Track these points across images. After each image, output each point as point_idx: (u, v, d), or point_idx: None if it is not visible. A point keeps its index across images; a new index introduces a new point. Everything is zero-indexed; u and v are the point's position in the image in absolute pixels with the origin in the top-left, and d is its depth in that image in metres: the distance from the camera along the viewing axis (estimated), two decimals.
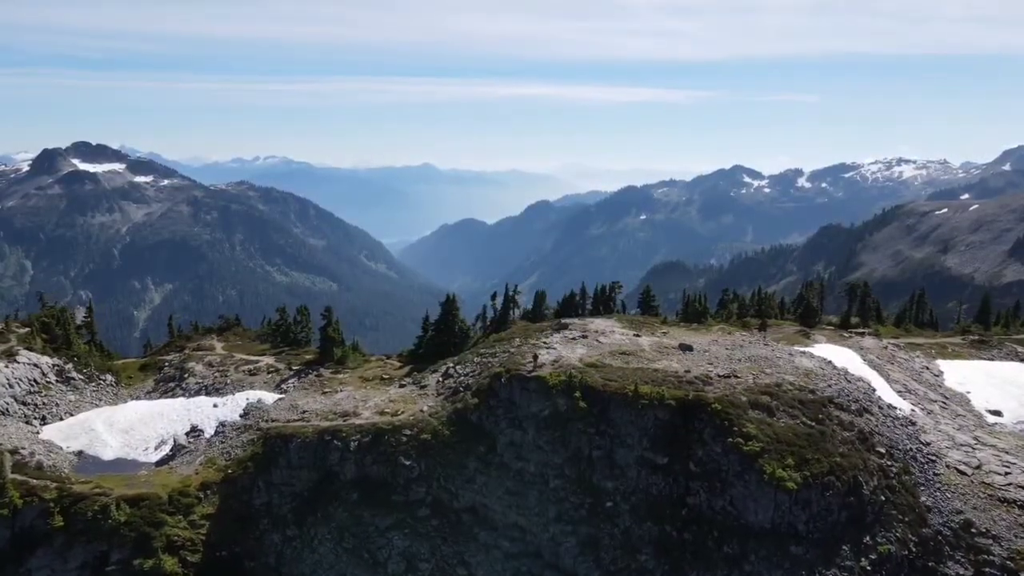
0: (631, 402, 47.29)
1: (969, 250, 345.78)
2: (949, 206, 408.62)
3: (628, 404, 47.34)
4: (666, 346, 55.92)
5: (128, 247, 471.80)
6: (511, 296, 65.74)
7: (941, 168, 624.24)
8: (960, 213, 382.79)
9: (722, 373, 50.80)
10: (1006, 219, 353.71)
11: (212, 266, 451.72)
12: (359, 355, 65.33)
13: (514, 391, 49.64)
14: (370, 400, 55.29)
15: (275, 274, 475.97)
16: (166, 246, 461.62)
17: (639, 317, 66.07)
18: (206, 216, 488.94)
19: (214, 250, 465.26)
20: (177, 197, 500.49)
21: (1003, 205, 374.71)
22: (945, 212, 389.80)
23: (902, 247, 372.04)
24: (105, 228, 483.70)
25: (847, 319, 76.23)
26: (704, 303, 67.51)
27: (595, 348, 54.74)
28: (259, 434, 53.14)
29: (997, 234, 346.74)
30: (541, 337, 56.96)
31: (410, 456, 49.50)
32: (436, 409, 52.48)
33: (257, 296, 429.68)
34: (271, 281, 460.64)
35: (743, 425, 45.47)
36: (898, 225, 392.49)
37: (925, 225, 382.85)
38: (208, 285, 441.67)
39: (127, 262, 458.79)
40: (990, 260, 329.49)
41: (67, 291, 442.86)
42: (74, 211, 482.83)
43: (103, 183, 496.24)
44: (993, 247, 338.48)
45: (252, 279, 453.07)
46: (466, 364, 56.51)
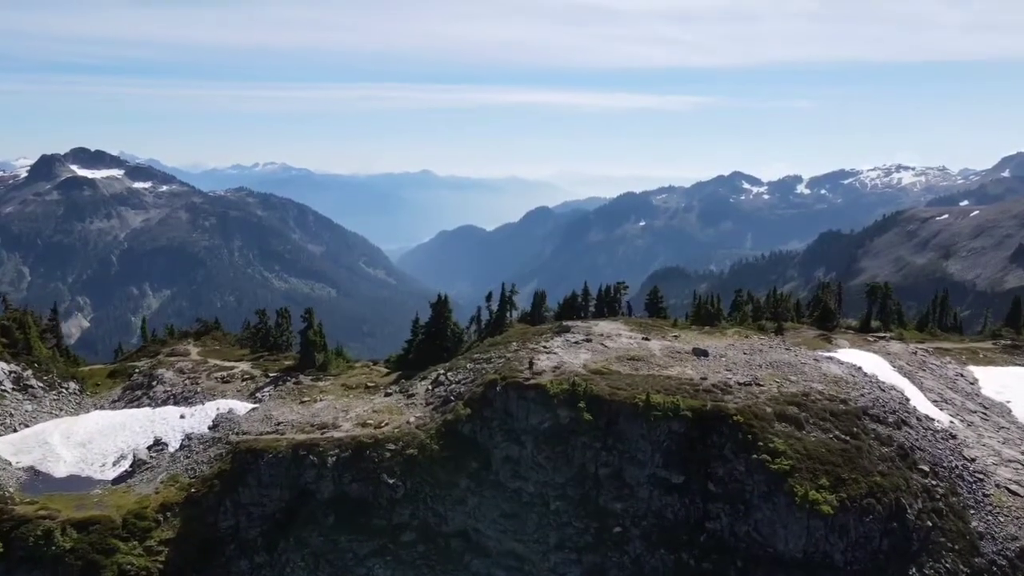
0: (642, 413, 41.67)
1: (971, 256, 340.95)
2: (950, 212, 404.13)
3: (638, 415, 41.72)
4: (679, 351, 50.31)
5: (126, 253, 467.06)
6: (508, 297, 60.23)
7: (940, 175, 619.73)
8: (961, 219, 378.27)
9: (742, 381, 45.18)
10: (1007, 225, 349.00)
11: (210, 272, 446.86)
12: (342, 361, 59.75)
13: (511, 401, 44.02)
14: (352, 410, 49.65)
15: (273, 280, 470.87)
16: (164, 252, 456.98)
17: (647, 320, 60.50)
18: (204, 222, 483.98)
19: (212, 256, 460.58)
20: (175, 203, 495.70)
21: (1004, 211, 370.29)
22: (946, 218, 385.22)
23: (903, 253, 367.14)
24: (103, 234, 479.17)
25: (867, 322, 70.64)
26: (717, 304, 61.97)
27: (600, 353, 49.14)
28: (228, 448, 47.48)
29: (999, 240, 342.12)
30: (541, 341, 51.38)
31: (394, 474, 43.84)
32: (424, 421, 46.85)
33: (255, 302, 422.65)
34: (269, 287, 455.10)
35: (769, 440, 39.83)
36: (899, 231, 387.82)
37: (926, 231, 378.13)
38: (206, 291, 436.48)
39: (125, 268, 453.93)
40: (992, 266, 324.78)
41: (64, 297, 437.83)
42: (72, 217, 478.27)
43: (101, 189, 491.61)
44: (995, 253, 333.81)
45: (250, 285, 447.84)
46: (458, 371, 50.91)
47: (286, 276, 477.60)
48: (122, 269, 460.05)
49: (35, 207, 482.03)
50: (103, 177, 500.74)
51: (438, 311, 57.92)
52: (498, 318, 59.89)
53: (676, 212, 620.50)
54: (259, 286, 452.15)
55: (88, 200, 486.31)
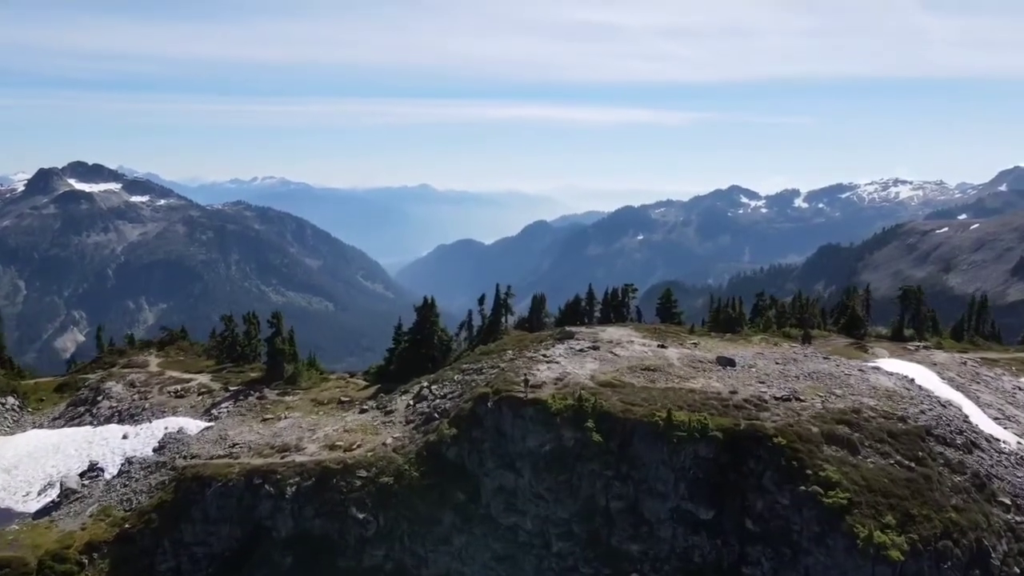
0: (662, 434, 34.14)
1: (971, 269, 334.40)
2: (949, 225, 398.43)
3: (658, 437, 34.19)
4: (700, 360, 42.82)
5: (123, 267, 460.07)
6: (503, 300, 52.81)
7: (937, 189, 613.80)
8: (961, 232, 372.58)
9: (779, 395, 37.66)
10: (1008, 238, 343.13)
11: (207, 286, 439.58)
12: (314, 372, 52.24)
13: (504, 419, 36.48)
14: (320, 430, 42.06)
15: (271, 294, 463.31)
16: (161, 266, 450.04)
17: (660, 326, 53.05)
18: (201, 236, 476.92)
19: (209, 270, 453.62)
20: (173, 217, 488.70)
21: (1004, 224, 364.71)
22: (946, 231, 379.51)
23: (903, 266, 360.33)
24: (100, 248, 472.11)
25: (900, 330, 63.28)
26: (740, 308, 54.53)
27: (610, 362, 41.64)
28: (173, 475, 39.87)
29: (999, 253, 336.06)
30: (540, 349, 43.92)
31: (365, 507, 36.21)
32: (403, 442, 39.24)
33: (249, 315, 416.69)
34: (267, 301, 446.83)
35: (819, 467, 32.28)
36: (898, 244, 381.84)
37: (926, 244, 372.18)
38: (203, 305, 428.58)
39: (121, 282, 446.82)
40: (993, 279, 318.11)
41: (60, 311, 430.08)
42: (69, 231, 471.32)
43: (98, 203, 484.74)
44: (996, 266, 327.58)
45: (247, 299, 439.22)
46: (444, 383, 43.38)
47: (283, 290, 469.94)
48: (119, 283, 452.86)
49: (32, 221, 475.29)
50: (101, 191, 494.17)
51: (423, 316, 50.47)
52: (492, 324, 52.45)
53: (674, 226, 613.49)
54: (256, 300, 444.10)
55: (85, 214, 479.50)
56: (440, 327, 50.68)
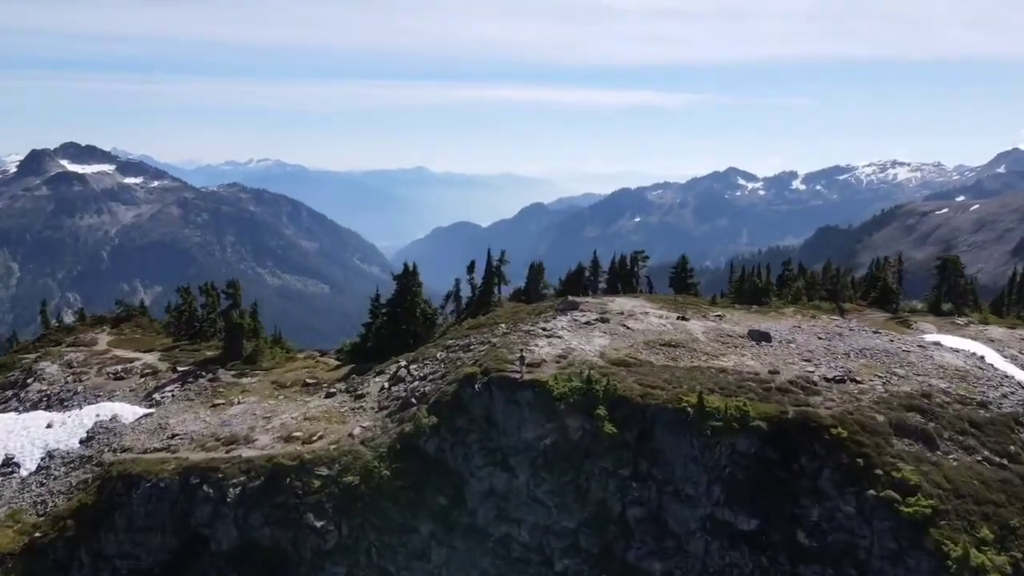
0: (691, 424, 27.09)
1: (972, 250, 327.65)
2: (949, 206, 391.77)
3: (686, 427, 27.14)
4: (729, 334, 35.71)
5: (117, 249, 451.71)
6: (496, 268, 45.60)
7: (935, 171, 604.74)
8: (961, 213, 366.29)
9: (831, 375, 30.59)
10: (1008, 219, 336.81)
11: (202, 268, 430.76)
12: (278, 351, 45.16)
13: (495, 405, 29.38)
14: (276, 417, 34.95)
15: (266, 276, 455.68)
16: (155, 248, 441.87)
17: (675, 297, 45.90)
18: (196, 218, 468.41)
19: (204, 252, 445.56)
20: (167, 199, 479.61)
21: (1004, 205, 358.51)
22: (945, 212, 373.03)
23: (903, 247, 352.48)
24: (93, 230, 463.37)
25: (937, 303, 56.15)
26: (768, 278, 47.38)
27: (622, 337, 34.51)
28: (99, 472, 32.79)
29: (999, 234, 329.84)
30: (539, 321, 36.75)
31: (324, 512, 29.18)
32: (373, 432, 32.13)
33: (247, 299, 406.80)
34: (262, 283, 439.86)
35: (891, 465, 25.28)
36: (898, 226, 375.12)
37: (925, 225, 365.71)
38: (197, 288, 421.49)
39: (115, 264, 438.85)
40: (994, 260, 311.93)
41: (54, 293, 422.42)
42: (62, 213, 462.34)
43: (91, 184, 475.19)
44: (996, 247, 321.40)
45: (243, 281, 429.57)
46: (424, 362, 36.25)
47: (279, 272, 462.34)
48: (113, 265, 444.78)
49: (24, 202, 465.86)
50: (94, 172, 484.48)
51: (404, 286, 43.26)
52: (483, 294, 45.28)
53: (671, 208, 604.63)
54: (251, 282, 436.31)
55: (78, 195, 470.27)
56: (423, 298, 43.50)
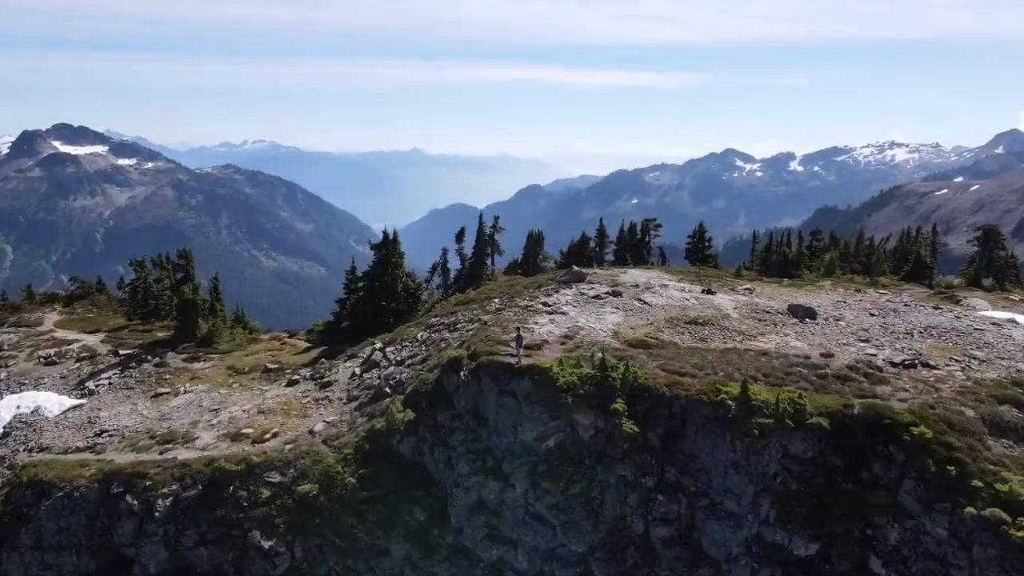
0: (732, 421, 21.17)
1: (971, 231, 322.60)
2: (948, 187, 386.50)
3: (726, 425, 21.24)
4: (765, 310, 29.76)
5: (111, 231, 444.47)
6: (488, 236, 39.56)
7: (933, 151, 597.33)
8: (960, 194, 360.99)
9: (897, 359, 24.67)
10: (1008, 199, 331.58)
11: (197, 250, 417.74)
12: (239, 332, 39.08)
13: (485, 397, 23.42)
14: (225, 410, 29.01)
15: (262, 259, 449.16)
16: (150, 230, 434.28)
17: (694, 269, 39.92)
18: (191, 200, 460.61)
19: (199, 234, 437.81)
20: (161, 180, 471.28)
21: (1004, 185, 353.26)
22: (945, 193, 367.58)
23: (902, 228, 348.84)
24: (87, 212, 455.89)
25: (977, 278, 50.39)
26: (801, 247, 41.40)
27: (639, 313, 28.53)
28: (8, 478, 26.85)
29: (999, 214, 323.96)
30: (539, 296, 30.73)
31: (274, 530, 23.32)
32: (338, 429, 26.20)
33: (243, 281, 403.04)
34: (258, 266, 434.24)
35: (992, 474, 19.42)
36: (896, 206, 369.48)
37: (925, 206, 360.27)
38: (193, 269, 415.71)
39: (110, 246, 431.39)
40: None
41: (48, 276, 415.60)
42: (55, 194, 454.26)
43: (85, 166, 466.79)
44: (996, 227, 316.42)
45: (238, 264, 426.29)
46: (403, 344, 30.28)
47: (275, 254, 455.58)
48: (107, 247, 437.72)
49: (17, 184, 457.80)
50: (86, 154, 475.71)
51: (383, 257, 37.16)
52: (474, 265, 39.24)
53: (668, 189, 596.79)
54: (247, 264, 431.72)
55: (71, 177, 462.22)
56: (405, 271, 37.44)
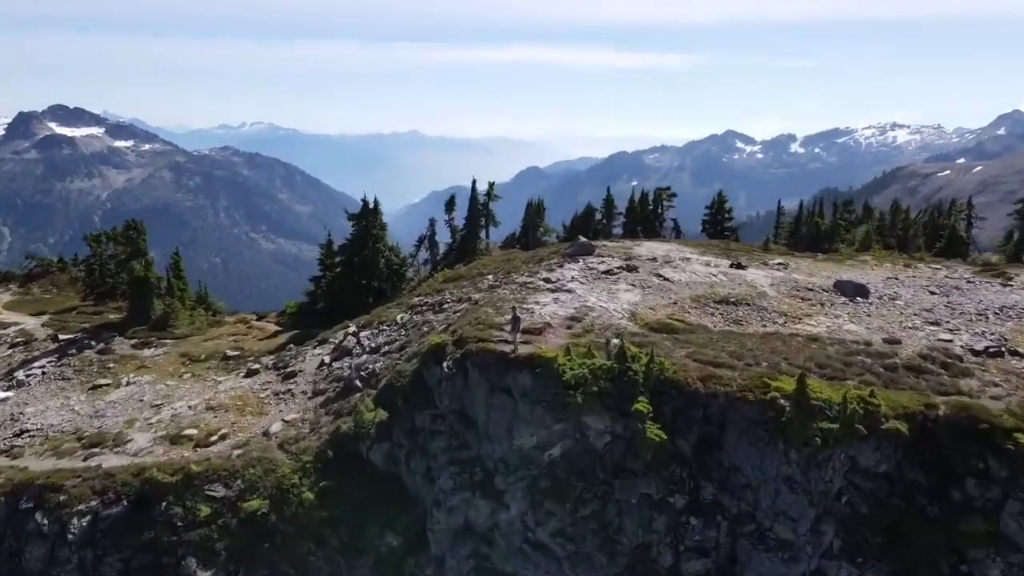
0: (786, 426, 16.48)
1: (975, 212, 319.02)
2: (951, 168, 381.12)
3: (777, 431, 16.55)
4: (808, 287, 25.03)
5: (109, 213, 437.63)
6: (483, 206, 34.76)
7: (935, 133, 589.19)
8: (963, 175, 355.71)
9: (979, 346, 20.00)
10: (1011, 180, 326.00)
11: (196, 233, 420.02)
12: (199, 314, 34.40)
13: (474, 393, 18.72)
14: (169, 406, 24.42)
15: (261, 241, 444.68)
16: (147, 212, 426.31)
17: (715, 242, 35.17)
18: (188, 182, 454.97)
19: (197, 217, 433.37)
20: (158, 162, 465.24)
21: (1007, 166, 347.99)
22: (948, 174, 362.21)
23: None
24: (84, 194, 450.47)
25: (1017, 253, 45.84)
26: (837, 218, 36.63)
27: (659, 291, 23.81)
28: None
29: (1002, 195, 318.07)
30: (540, 271, 25.97)
31: (214, 557, 18.76)
32: (299, 431, 21.58)
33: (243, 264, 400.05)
34: (257, 248, 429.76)
35: None
36: (899, 188, 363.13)
37: (927, 187, 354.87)
38: (192, 252, 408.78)
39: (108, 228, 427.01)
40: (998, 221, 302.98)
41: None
42: (52, 176, 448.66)
43: (81, 148, 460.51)
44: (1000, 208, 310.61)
45: (237, 246, 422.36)
46: (381, 328, 25.61)
47: (273, 237, 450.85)
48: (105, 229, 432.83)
49: (13, 166, 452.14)
50: (83, 135, 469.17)
51: (363, 229, 32.36)
52: (466, 237, 34.50)
53: (669, 171, 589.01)
54: (246, 247, 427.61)
55: (68, 159, 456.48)
56: (388, 245, 32.70)
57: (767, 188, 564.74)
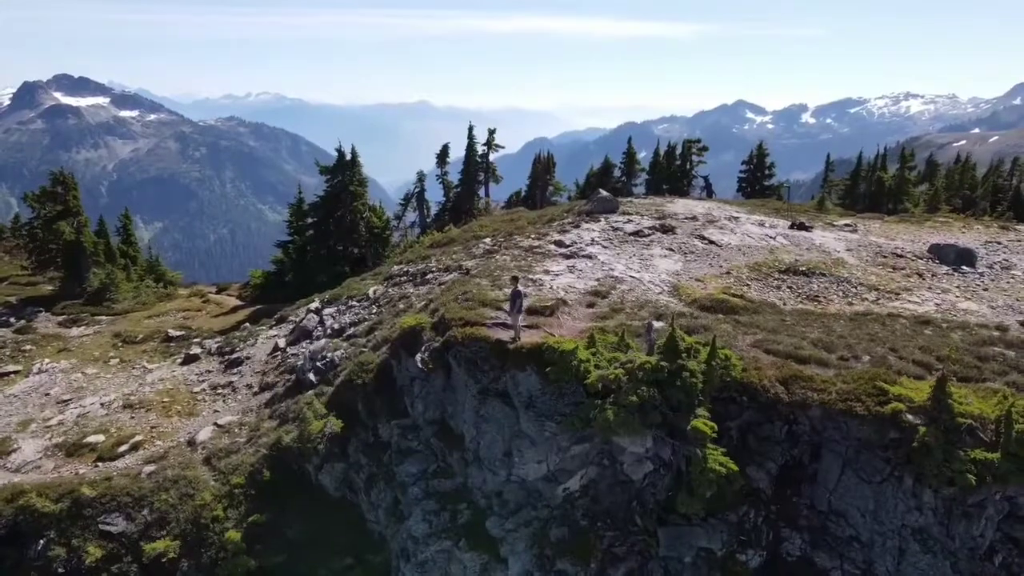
0: (918, 456, 10.92)
1: None
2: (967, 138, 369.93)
3: (906, 462, 11.00)
4: (896, 252, 19.30)
5: (115, 184, 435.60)
6: (481, 154, 29.01)
7: (950, 103, 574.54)
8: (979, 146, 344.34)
9: None
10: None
11: (202, 204, 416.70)
12: (147, 285, 29.00)
13: (459, 397, 13.24)
14: (79, 402, 19.10)
15: (267, 212, 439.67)
16: (154, 183, 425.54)
17: (758, 201, 29.39)
18: (194, 153, 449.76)
19: (204, 187, 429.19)
20: (164, 132, 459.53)
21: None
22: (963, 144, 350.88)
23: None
24: (91, 164, 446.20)
25: None
26: (903, 175, 30.77)
27: (705, 257, 18.15)
28: None
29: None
30: (550, 232, 20.31)
31: None
32: (233, 440, 16.19)
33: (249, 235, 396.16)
34: (263, 219, 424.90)
35: None
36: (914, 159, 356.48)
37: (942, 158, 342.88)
38: (199, 223, 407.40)
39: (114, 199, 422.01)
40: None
41: None
42: (58, 147, 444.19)
43: (87, 118, 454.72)
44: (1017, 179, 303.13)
45: (244, 217, 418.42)
46: (349, 304, 20.10)
47: (279, 208, 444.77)
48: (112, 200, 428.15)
49: (19, 136, 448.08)
50: (88, 105, 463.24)
51: (337, 184, 26.73)
52: (460, 196, 28.84)
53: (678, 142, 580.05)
54: (253, 218, 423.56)
55: (74, 129, 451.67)
56: (368, 205, 27.11)
57: (778, 159, 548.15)
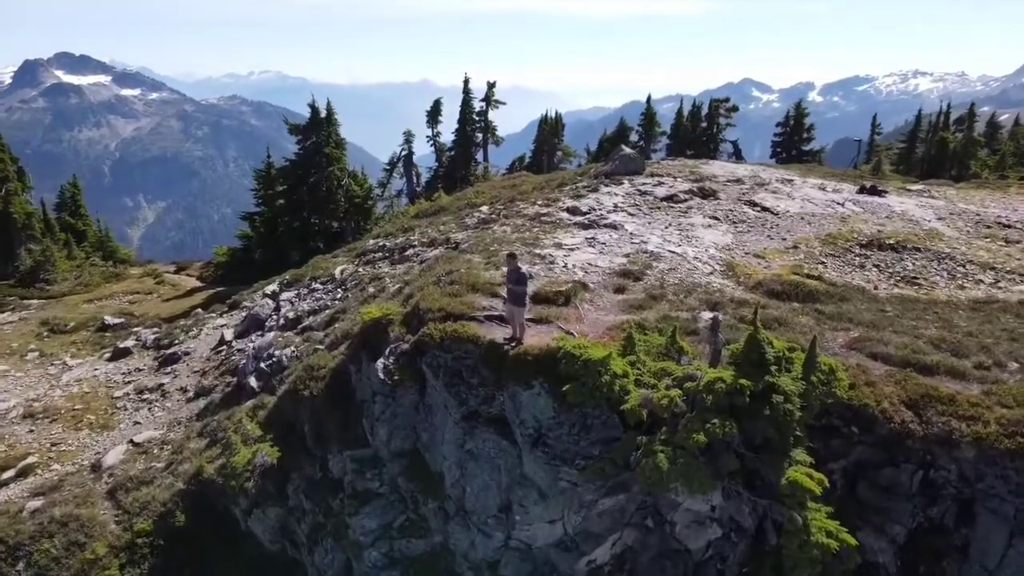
0: None
1: None
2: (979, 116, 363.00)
3: None
4: (1001, 222, 15.08)
5: (118, 163, 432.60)
6: (479, 113, 24.81)
7: (959, 81, 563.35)
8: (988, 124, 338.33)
9: None
10: None
11: (205, 183, 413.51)
12: (93, 264, 25.05)
13: (437, 422, 9.22)
14: None
15: None
16: (156, 162, 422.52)
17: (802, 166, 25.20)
18: (197, 132, 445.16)
19: (207, 167, 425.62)
20: (166, 111, 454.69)
21: None
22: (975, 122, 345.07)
23: None
24: (93, 143, 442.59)
25: None
26: (970, 135, 26.61)
27: (761, 227, 13.99)
28: None
29: None
30: (562, 198, 16.13)
31: None
32: (149, 465, 12.23)
33: None
34: None
35: None
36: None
37: None
38: (201, 203, 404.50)
39: (117, 179, 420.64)
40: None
41: None
42: (60, 125, 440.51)
43: (88, 96, 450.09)
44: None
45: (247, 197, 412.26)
46: (312, 287, 16.01)
47: None
48: (115, 180, 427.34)
49: (21, 115, 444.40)
50: (90, 83, 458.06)
51: (311, 148, 22.62)
52: (455, 160, 24.71)
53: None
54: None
55: (75, 108, 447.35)
56: (346, 169, 23.04)
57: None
